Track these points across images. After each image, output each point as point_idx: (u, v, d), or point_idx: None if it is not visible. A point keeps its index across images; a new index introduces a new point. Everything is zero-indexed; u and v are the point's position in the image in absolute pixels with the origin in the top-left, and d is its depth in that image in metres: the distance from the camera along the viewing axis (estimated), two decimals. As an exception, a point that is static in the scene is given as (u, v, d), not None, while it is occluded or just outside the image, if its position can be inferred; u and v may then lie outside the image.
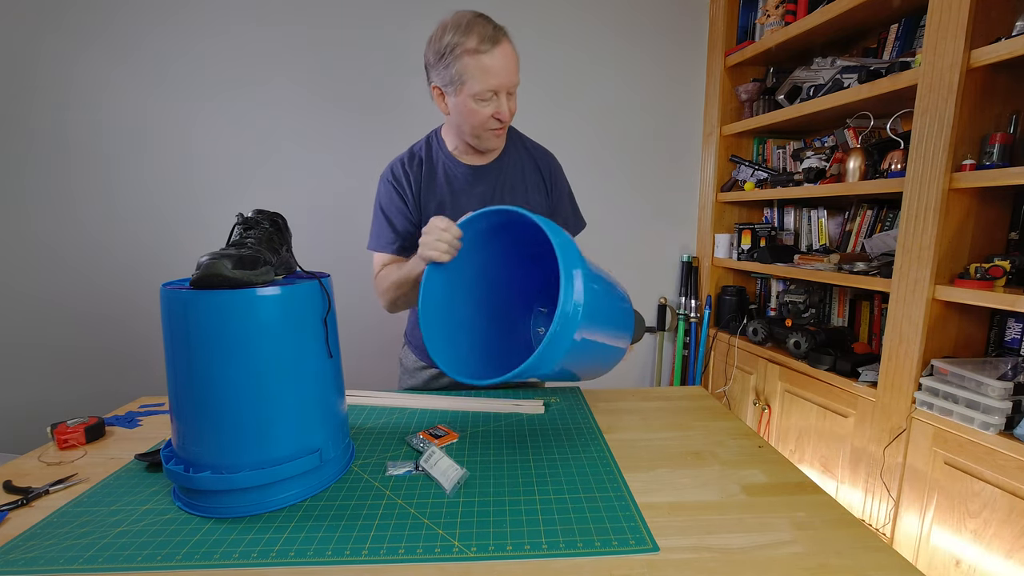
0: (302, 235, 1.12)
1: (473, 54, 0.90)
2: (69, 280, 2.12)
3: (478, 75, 0.92)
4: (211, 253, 0.67)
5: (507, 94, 0.96)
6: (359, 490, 0.75)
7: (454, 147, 1.09)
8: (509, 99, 0.97)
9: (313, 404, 0.75)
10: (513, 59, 0.95)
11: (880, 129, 1.67)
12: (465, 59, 0.91)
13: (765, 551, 0.62)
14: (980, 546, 1.20)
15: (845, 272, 1.62)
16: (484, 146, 1.05)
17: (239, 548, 0.62)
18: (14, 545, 0.63)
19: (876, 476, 1.46)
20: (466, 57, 0.91)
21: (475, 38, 0.90)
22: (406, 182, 1.07)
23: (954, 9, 1.25)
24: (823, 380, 1.63)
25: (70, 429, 0.90)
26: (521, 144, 1.14)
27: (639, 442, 0.91)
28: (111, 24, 1.98)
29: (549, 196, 1.16)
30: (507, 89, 0.95)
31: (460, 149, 1.09)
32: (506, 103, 0.97)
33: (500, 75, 0.93)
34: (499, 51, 0.91)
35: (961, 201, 1.31)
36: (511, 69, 0.94)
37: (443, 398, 1.08)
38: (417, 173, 1.08)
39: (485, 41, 0.90)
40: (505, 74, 0.93)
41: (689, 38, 2.27)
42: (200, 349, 0.66)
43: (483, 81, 0.92)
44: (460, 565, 0.59)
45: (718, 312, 2.28)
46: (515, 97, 0.99)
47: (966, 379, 1.24)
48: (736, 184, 2.23)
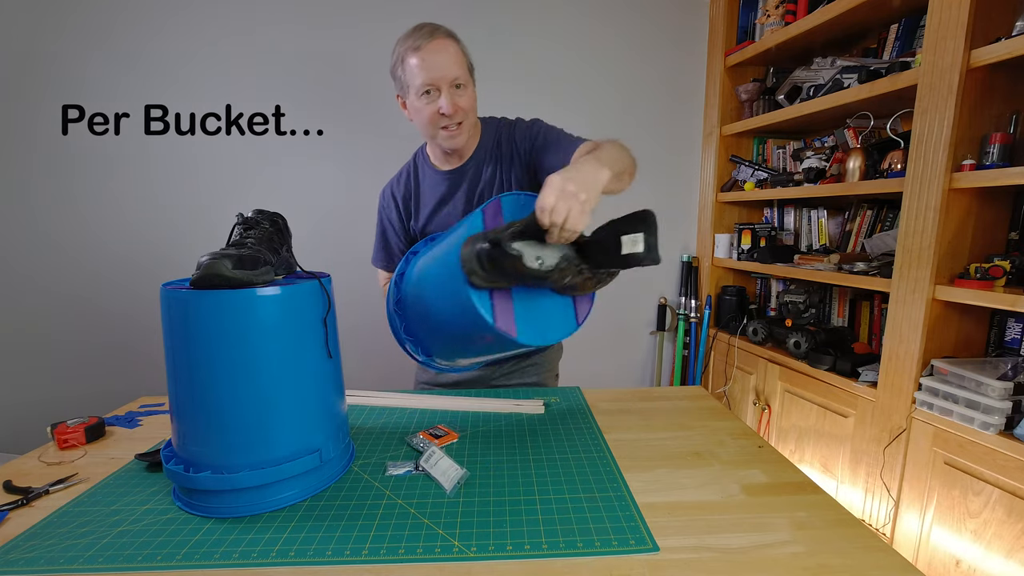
0: (302, 235, 1.12)
1: (410, 52, 0.94)
2: (70, 280, 2.12)
3: (416, 72, 0.95)
4: (211, 253, 0.67)
5: (452, 87, 0.96)
6: (359, 490, 0.75)
7: (433, 156, 1.12)
8: (454, 93, 0.96)
9: (313, 404, 0.75)
10: (449, 53, 0.95)
11: (880, 129, 1.67)
12: (406, 59, 0.95)
13: (765, 551, 0.62)
14: (980, 546, 1.20)
15: (845, 272, 1.62)
16: (446, 146, 1.03)
17: (239, 548, 0.62)
18: (14, 545, 0.63)
19: (876, 476, 1.46)
20: (406, 57, 0.95)
21: (411, 38, 0.95)
22: (393, 204, 1.16)
23: (954, 9, 1.25)
24: (823, 380, 1.63)
25: (70, 429, 0.90)
26: (497, 130, 1.10)
27: (639, 442, 0.91)
28: (117, 25, 1.98)
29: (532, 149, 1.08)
30: (446, 83, 0.95)
31: (437, 156, 1.11)
32: (448, 98, 0.96)
33: (434, 68, 0.94)
34: (432, 45, 0.94)
35: (961, 201, 1.31)
36: (448, 63, 0.95)
37: (443, 398, 1.08)
38: (406, 192, 1.15)
39: (420, 38, 0.94)
40: (439, 67, 0.94)
41: (689, 38, 2.27)
42: (200, 349, 0.66)
43: (419, 76, 0.94)
44: (460, 565, 0.59)
45: (718, 312, 2.28)
46: (466, 91, 0.98)
47: (966, 379, 1.24)
48: (736, 184, 2.23)
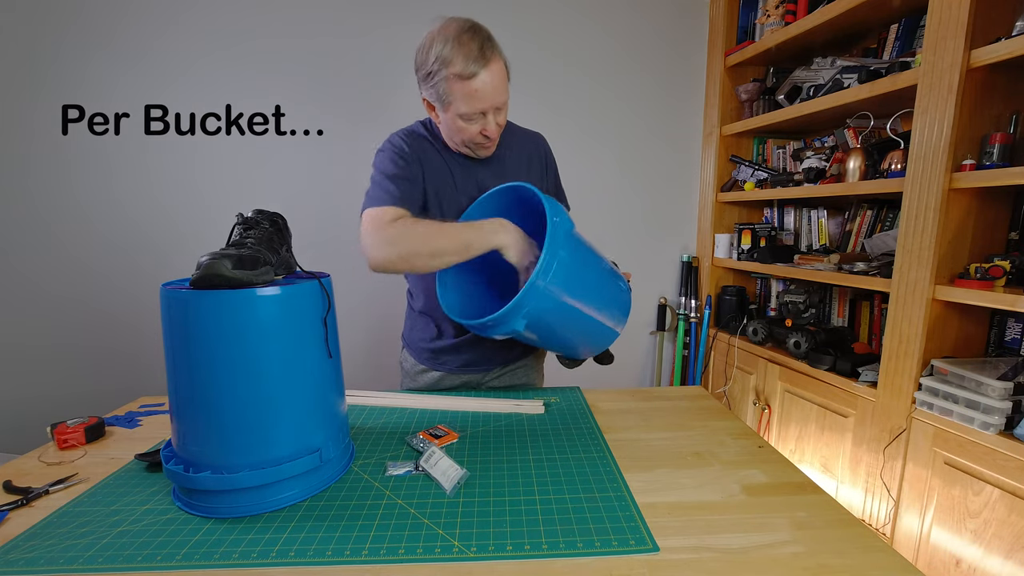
0: (302, 235, 1.12)
1: (458, 79, 0.87)
2: (69, 280, 2.12)
3: (464, 98, 0.89)
4: (211, 253, 0.67)
5: (495, 110, 0.94)
6: (359, 490, 0.75)
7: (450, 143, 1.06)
8: (497, 114, 0.95)
9: (313, 404, 0.75)
10: (500, 78, 0.91)
11: (880, 129, 1.67)
12: (451, 82, 0.88)
13: (765, 551, 0.62)
14: (980, 546, 1.20)
15: (845, 272, 1.62)
16: (475, 155, 1.03)
17: (239, 548, 0.62)
18: (14, 545, 0.63)
19: (876, 476, 1.46)
20: (452, 80, 0.87)
21: (460, 61, 0.86)
22: (411, 152, 1.01)
23: (954, 9, 1.25)
24: (823, 380, 1.63)
25: (70, 429, 0.90)
26: (512, 135, 1.12)
27: (639, 442, 0.91)
28: (117, 25, 1.98)
29: (546, 177, 1.16)
30: (493, 108, 0.93)
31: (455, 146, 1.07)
32: (493, 120, 0.94)
33: (486, 99, 0.90)
34: (485, 73, 0.87)
35: (961, 201, 1.31)
36: (498, 89, 0.91)
37: (443, 398, 1.08)
38: (418, 150, 1.02)
39: (471, 63, 0.86)
40: (492, 96, 0.90)
41: (689, 38, 2.27)
42: (200, 349, 0.66)
43: (469, 104, 0.90)
44: (460, 565, 0.59)
45: (718, 312, 2.28)
46: (504, 110, 0.96)
47: (966, 379, 1.24)
48: (736, 184, 2.23)
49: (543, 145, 1.17)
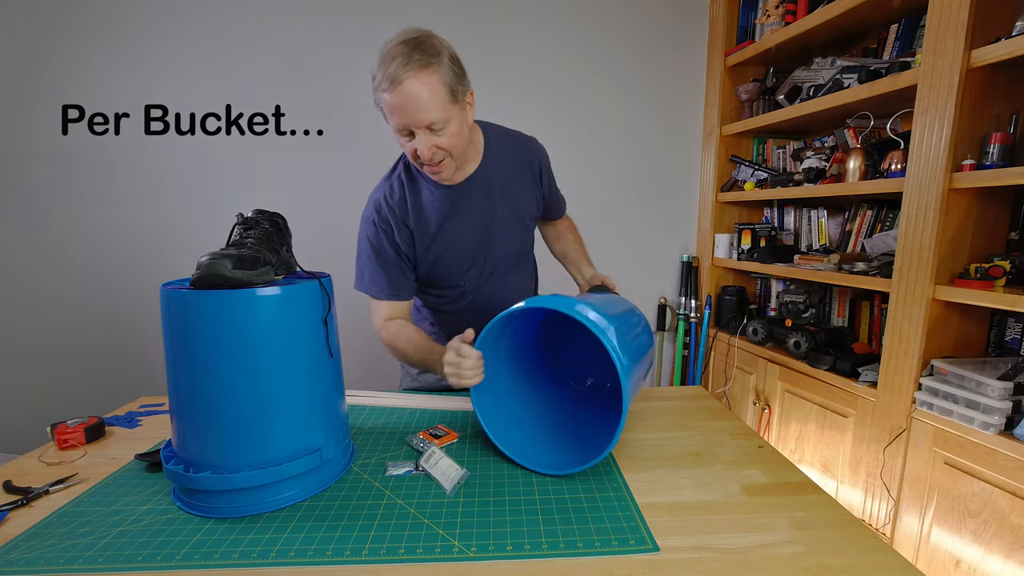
0: (302, 235, 1.12)
1: (381, 88, 0.86)
2: (69, 280, 2.12)
3: (388, 112, 0.88)
4: (211, 253, 0.67)
5: (427, 130, 0.88)
6: (359, 490, 0.75)
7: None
8: (430, 137, 0.88)
9: (313, 404, 0.75)
10: (423, 96, 0.85)
11: (880, 129, 1.67)
12: (379, 94, 0.88)
13: (765, 551, 0.62)
14: (980, 546, 1.20)
15: (845, 272, 1.62)
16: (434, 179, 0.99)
17: (239, 548, 0.62)
18: (14, 545, 0.63)
19: (876, 476, 1.46)
20: (379, 93, 0.87)
21: (381, 74, 0.85)
22: (393, 222, 1.02)
23: (954, 9, 1.25)
24: (823, 380, 1.63)
25: (70, 429, 0.90)
26: (500, 144, 1.07)
27: (639, 442, 0.91)
28: (117, 25, 1.98)
29: (541, 186, 1.13)
30: (420, 127, 0.87)
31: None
32: (424, 141, 0.88)
33: (405, 114, 0.86)
34: (404, 87, 0.84)
35: (961, 201, 1.31)
36: (419, 107, 0.85)
37: (443, 398, 1.08)
38: (402, 206, 1.02)
39: (385, 79, 0.84)
40: (414, 112, 0.85)
41: (689, 38, 2.27)
42: (200, 349, 0.66)
43: (392, 118, 0.88)
44: (460, 565, 0.59)
45: (718, 312, 2.28)
46: (447, 128, 0.89)
47: (966, 379, 1.24)
48: (736, 184, 2.23)
49: (535, 151, 1.12)
